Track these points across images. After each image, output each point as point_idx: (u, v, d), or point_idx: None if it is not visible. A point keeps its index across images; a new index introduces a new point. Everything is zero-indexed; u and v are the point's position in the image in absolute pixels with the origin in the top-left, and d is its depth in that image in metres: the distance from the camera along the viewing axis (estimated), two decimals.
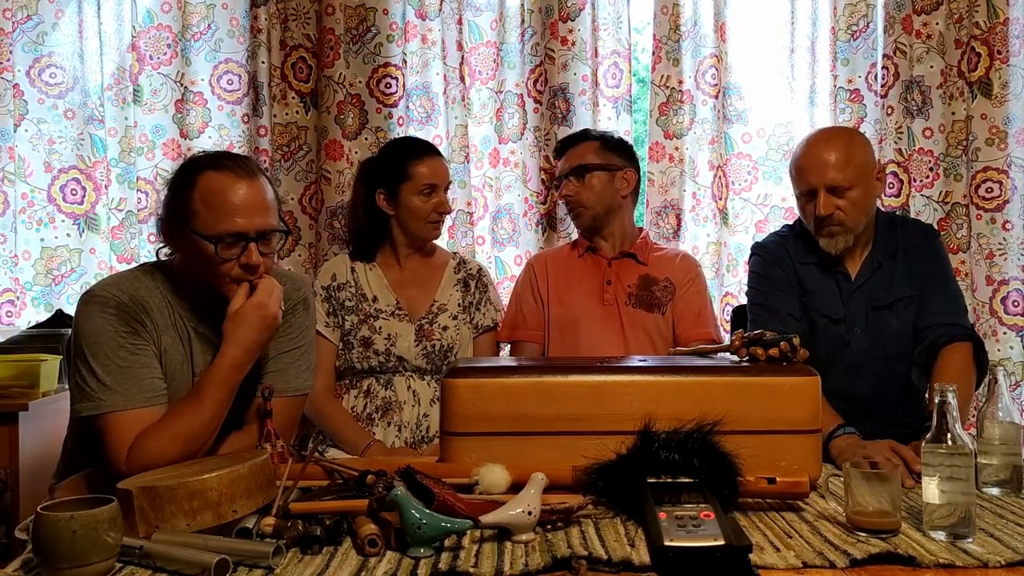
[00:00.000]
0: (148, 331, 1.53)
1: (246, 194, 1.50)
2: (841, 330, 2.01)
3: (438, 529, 1.14)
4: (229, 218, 1.48)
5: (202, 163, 1.54)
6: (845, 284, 2.03)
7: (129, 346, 1.50)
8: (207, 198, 1.49)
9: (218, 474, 1.21)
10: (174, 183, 1.56)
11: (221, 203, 1.49)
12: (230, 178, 1.50)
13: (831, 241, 1.99)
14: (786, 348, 1.52)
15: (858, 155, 1.97)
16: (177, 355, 1.58)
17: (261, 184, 1.54)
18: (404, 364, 2.18)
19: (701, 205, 2.72)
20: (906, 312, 2.00)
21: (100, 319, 1.50)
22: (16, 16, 2.66)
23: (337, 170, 2.63)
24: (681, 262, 2.34)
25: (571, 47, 2.66)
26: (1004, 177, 2.58)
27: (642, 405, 1.40)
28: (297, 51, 2.69)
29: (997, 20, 2.57)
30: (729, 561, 1.08)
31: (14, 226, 2.67)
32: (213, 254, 1.48)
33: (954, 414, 1.25)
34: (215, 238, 1.48)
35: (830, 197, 1.95)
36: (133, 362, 1.50)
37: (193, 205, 1.50)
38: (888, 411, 2.00)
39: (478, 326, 2.29)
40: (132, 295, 1.54)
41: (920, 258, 2.03)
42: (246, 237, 1.50)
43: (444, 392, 1.49)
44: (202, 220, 1.49)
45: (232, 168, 1.51)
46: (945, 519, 1.20)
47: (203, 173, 1.51)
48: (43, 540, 1.05)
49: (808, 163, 1.99)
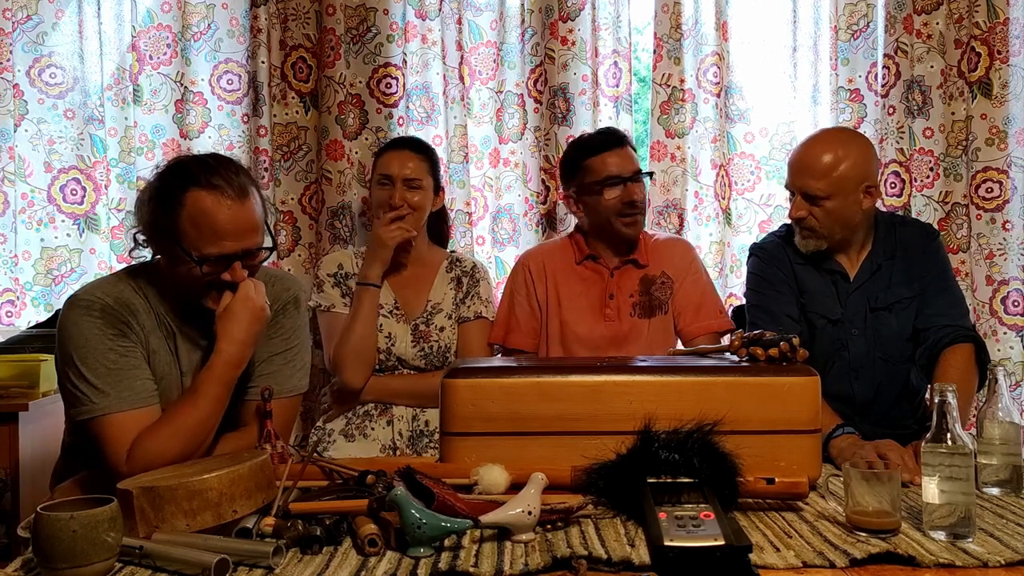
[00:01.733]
0: (135, 333, 1.54)
1: (235, 217, 1.49)
2: (839, 331, 2.00)
3: (438, 529, 1.14)
4: (217, 241, 1.48)
5: (191, 178, 1.50)
6: (843, 285, 2.03)
7: (118, 348, 1.50)
8: (196, 219, 1.48)
9: (218, 474, 1.21)
10: (161, 195, 1.52)
11: (210, 226, 1.48)
12: (220, 200, 1.48)
13: (803, 242, 2.03)
14: (786, 348, 1.52)
15: (845, 166, 1.94)
16: (164, 356, 1.58)
17: (251, 204, 1.53)
18: (403, 364, 2.18)
19: (704, 204, 2.72)
20: (905, 313, 1.99)
21: (86, 323, 1.49)
22: (16, 16, 2.66)
23: (338, 170, 2.62)
24: (676, 252, 2.28)
25: (571, 47, 2.66)
26: (1004, 177, 2.58)
27: (642, 405, 1.41)
28: (297, 51, 2.69)
29: (997, 20, 2.56)
30: (729, 561, 1.08)
31: (14, 226, 2.66)
32: (197, 271, 1.49)
33: (954, 414, 1.25)
34: (201, 259, 1.49)
35: (804, 202, 1.97)
36: (123, 364, 1.50)
37: (181, 224, 1.48)
38: (887, 413, 2.00)
39: (460, 317, 2.26)
40: (117, 298, 1.54)
41: (919, 259, 2.02)
42: (232, 257, 1.51)
43: (444, 392, 1.49)
44: (190, 240, 1.48)
45: (222, 189, 1.49)
46: (945, 519, 1.20)
47: (192, 191, 1.49)
48: (43, 540, 1.06)
49: (794, 163, 2.03)
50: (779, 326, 1.94)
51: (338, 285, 2.23)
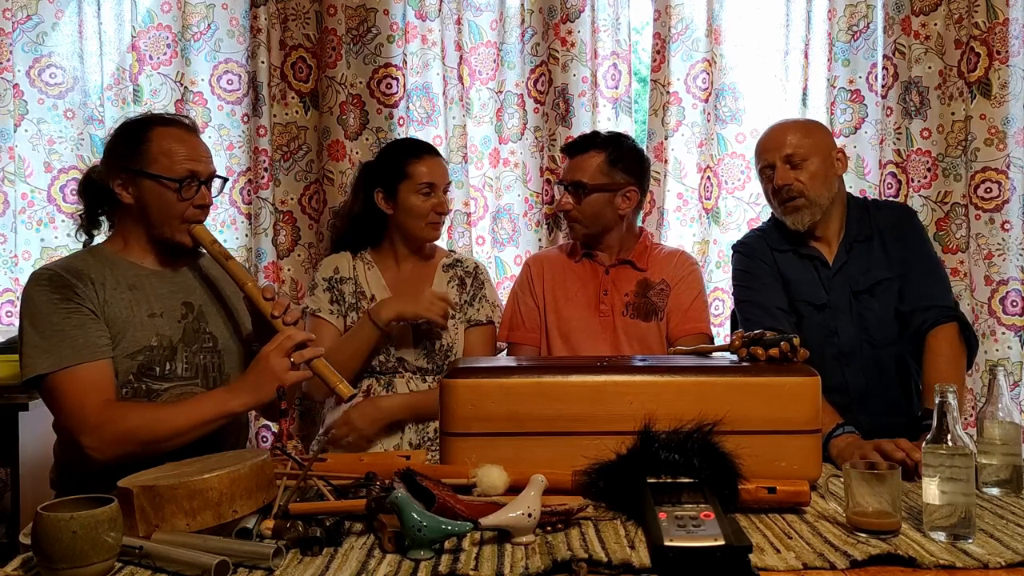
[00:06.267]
0: (81, 292, 1.65)
1: (195, 143, 1.77)
2: (827, 317, 2.01)
3: (438, 531, 1.13)
4: (185, 162, 1.72)
5: (150, 119, 1.78)
6: (824, 270, 2.04)
7: (61, 310, 1.62)
8: (164, 146, 1.72)
9: (218, 474, 1.21)
10: (127, 138, 1.75)
11: (177, 150, 1.72)
12: (179, 131, 1.76)
13: (797, 216, 2.03)
14: (786, 348, 1.52)
15: (814, 133, 2.07)
16: (121, 300, 1.70)
17: (200, 138, 1.82)
18: (405, 364, 2.18)
19: (688, 206, 2.73)
20: (885, 296, 2.00)
21: (36, 292, 1.64)
22: (16, 16, 2.66)
23: (340, 170, 2.62)
24: (677, 261, 2.30)
25: (571, 48, 2.66)
26: (1003, 177, 2.58)
27: (642, 405, 1.41)
28: (297, 51, 2.69)
29: (996, 20, 2.56)
30: (729, 561, 1.08)
31: (14, 226, 2.66)
32: (176, 193, 1.70)
33: (954, 415, 1.26)
34: (178, 180, 1.70)
35: (787, 168, 2.01)
36: (65, 325, 1.61)
37: (151, 155, 1.71)
38: (881, 400, 1.99)
39: (471, 320, 2.26)
40: (65, 267, 1.69)
41: (897, 241, 2.03)
42: (200, 180, 1.73)
43: (444, 392, 1.49)
44: (161, 167, 1.71)
45: (179, 122, 1.79)
46: (945, 520, 1.20)
47: (155, 128, 1.74)
48: (43, 540, 1.05)
49: (765, 142, 2.09)
50: (771, 319, 1.96)
51: (330, 290, 2.23)
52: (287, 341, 1.61)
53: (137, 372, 1.68)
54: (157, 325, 1.72)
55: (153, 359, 1.70)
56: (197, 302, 1.81)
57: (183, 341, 1.75)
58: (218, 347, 1.81)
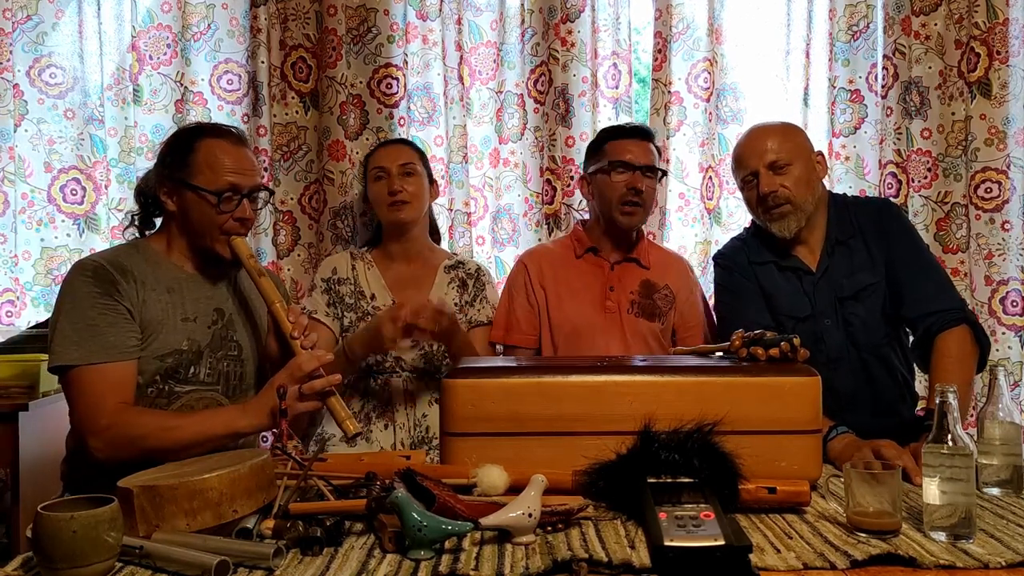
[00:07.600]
0: (122, 290, 1.66)
1: (240, 156, 1.78)
2: (811, 326, 1.98)
3: (438, 531, 1.13)
4: (228, 175, 1.73)
5: (200, 130, 1.80)
6: (807, 278, 2.01)
7: (99, 305, 1.64)
8: (209, 159, 1.74)
9: (218, 474, 1.21)
10: (177, 147, 1.77)
11: (221, 163, 1.74)
12: (226, 143, 1.77)
13: (783, 223, 2.00)
14: (786, 348, 1.52)
15: (794, 137, 2.05)
16: (158, 302, 1.72)
17: (250, 149, 1.85)
18: (402, 364, 2.18)
19: (690, 206, 2.73)
20: (871, 300, 1.97)
21: (79, 282, 1.65)
22: (16, 16, 2.66)
23: (340, 170, 2.62)
24: (679, 268, 2.31)
25: (571, 48, 2.66)
26: (1003, 177, 2.58)
27: (642, 405, 1.41)
28: (297, 51, 2.69)
29: (996, 20, 2.56)
30: (729, 561, 1.08)
31: (14, 226, 2.67)
32: (215, 207, 1.72)
33: (955, 415, 1.25)
34: (217, 192, 1.72)
35: (771, 175, 1.98)
36: (100, 321, 1.63)
37: (196, 166, 1.74)
38: (870, 402, 1.97)
39: (471, 320, 2.25)
40: (111, 260, 1.70)
41: (880, 239, 2.00)
42: (240, 193, 1.74)
43: (443, 392, 1.49)
44: (205, 179, 1.73)
45: (227, 135, 1.80)
46: (946, 520, 1.20)
47: (204, 140, 1.76)
48: (43, 540, 1.05)
49: (745, 149, 2.06)
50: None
51: (327, 292, 2.23)
52: (298, 371, 1.62)
53: (164, 374, 1.70)
54: (189, 329, 1.74)
55: (180, 362, 1.72)
56: (228, 310, 1.84)
57: (210, 347, 1.77)
58: (242, 356, 1.83)
